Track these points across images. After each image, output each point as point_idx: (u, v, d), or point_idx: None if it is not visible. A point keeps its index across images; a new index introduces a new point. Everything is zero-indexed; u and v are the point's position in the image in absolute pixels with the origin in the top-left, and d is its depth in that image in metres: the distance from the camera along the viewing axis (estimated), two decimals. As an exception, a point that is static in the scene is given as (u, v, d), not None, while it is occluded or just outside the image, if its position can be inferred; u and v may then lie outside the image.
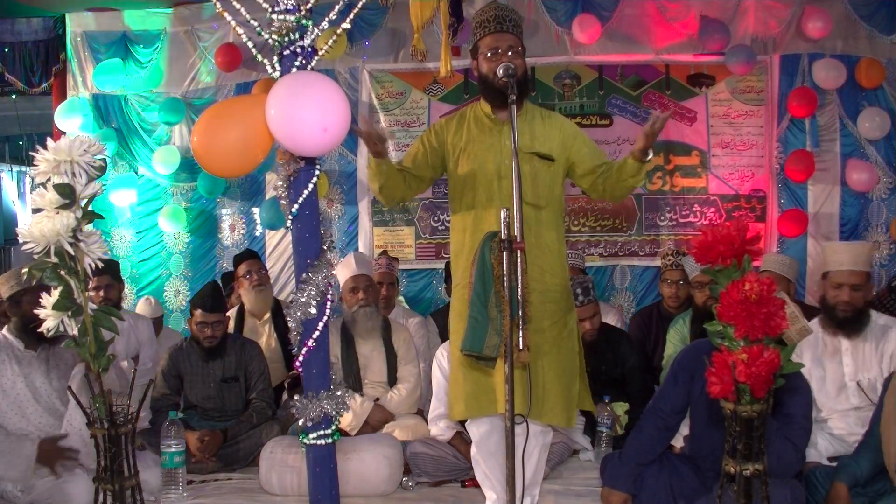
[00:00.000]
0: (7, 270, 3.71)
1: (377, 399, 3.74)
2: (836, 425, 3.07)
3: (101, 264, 2.15)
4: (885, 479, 2.66)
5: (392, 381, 3.82)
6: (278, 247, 5.55)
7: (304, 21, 2.06)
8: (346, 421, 3.59)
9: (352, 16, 2.16)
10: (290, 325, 2.13)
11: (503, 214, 2.24)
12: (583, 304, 3.66)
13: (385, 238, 5.46)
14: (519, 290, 2.20)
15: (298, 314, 2.09)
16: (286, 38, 2.05)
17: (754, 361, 1.83)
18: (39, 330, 2.10)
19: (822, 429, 3.08)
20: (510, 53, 2.58)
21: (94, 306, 2.16)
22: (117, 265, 4.40)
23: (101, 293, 4.09)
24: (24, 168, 10.18)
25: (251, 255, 4.55)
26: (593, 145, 2.78)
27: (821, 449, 3.04)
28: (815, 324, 3.13)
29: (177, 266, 5.69)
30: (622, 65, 5.32)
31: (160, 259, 5.71)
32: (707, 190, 5.33)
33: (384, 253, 4.98)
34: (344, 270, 3.88)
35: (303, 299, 2.09)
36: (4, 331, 3.20)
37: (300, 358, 2.14)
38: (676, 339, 3.74)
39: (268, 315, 4.42)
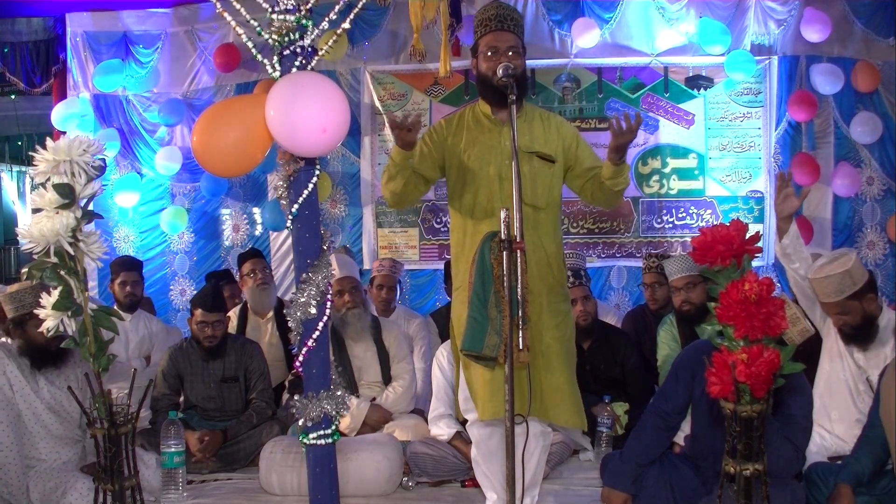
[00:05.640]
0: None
1: (374, 399, 3.74)
2: (843, 427, 3.02)
3: (105, 261, 2.16)
4: (890, 476, 2.63)
5: (387, 380, 3.82)
6: (282, 247, 5.56)
7: (304, 21, 2.06)
8: (344, 424, 3.58)
9: (352, 16, 2.16)
10: (290, 324, 2.13)
11: (503, 214, 2.24)
12: (572, 286, 3.68)
13: (389, 239, 5.49)
14: (519, 290, 2.20)
15: (298, 314, 2.09)
16: (286, 39, 2.05)
17: (754, 361, 1.83)
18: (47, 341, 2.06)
19: (824, 427, 3.06)
20: (510, 53, 2.55)
21: (95, 306, 2.17)
22: (142, 265, 4.46)
23: (129, 288, 4.13)
24: (24, 168, 10.19)
25: (255, 254, 4.57)
26: (591, 149, 2.78)
27: (826, 446, 3.02)
28: None
29: (182, 266, 5.70)
30: (621, 67, 5.33)
31: (165, 259, 5.72)
32: (704, 192, 5.34)
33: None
34: None
35: (303, 299, 2.09)
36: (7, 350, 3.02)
37: (300, 358, 2.14)
38: (668, 338, 3.74)
39: (271, 314, 4.43)
